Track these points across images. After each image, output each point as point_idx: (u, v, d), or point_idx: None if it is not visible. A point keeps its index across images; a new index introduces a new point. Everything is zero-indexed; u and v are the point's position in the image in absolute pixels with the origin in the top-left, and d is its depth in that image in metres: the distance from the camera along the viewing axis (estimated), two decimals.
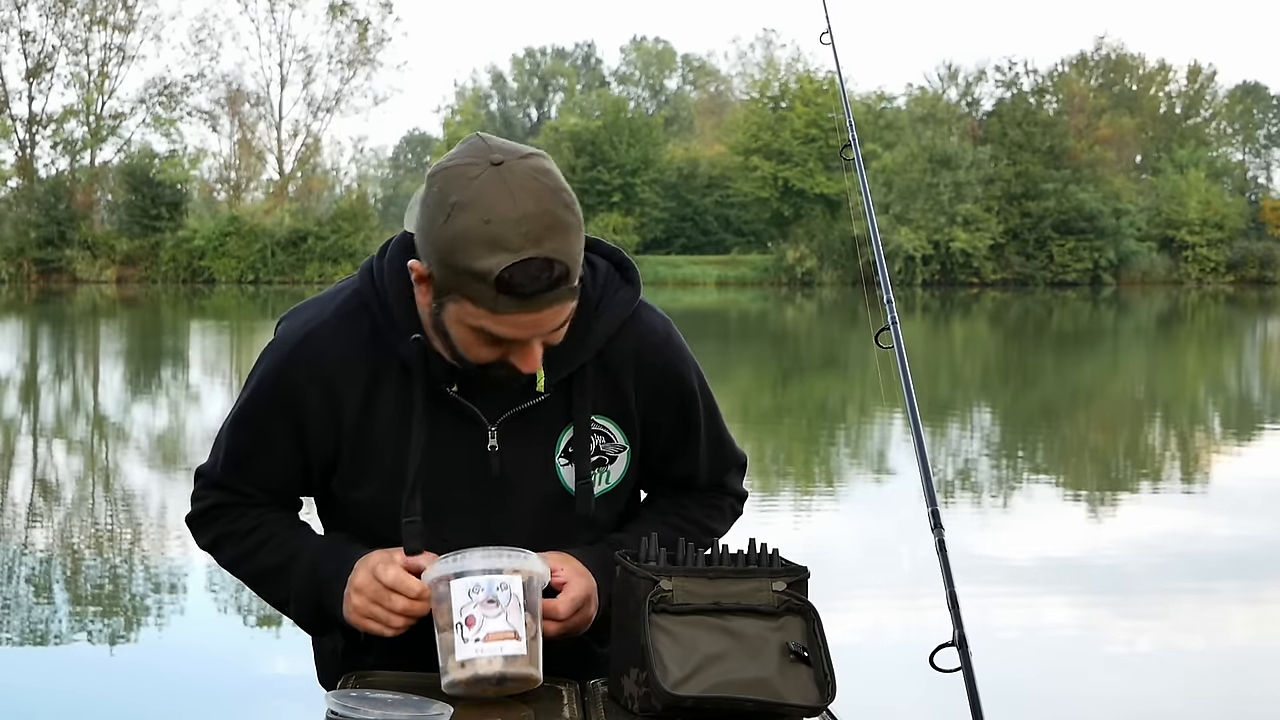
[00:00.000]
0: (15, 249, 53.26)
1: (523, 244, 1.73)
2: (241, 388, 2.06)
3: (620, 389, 2.01)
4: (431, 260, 1.80)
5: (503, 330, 1.80)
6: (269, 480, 2.05)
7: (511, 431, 1.95)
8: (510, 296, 1.75)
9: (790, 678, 1.76)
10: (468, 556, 1.78)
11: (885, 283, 2.38)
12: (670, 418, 2.06)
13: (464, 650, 1.73)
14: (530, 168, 1.77)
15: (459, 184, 1.76)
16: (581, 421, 1.97)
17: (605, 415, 2.00)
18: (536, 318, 1.79)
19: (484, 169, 1.76)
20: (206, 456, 2.12)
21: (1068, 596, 6.90)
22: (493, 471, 1.95)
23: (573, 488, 1.99)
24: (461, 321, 1.82)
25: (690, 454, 2.10)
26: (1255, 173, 76.78)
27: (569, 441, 1.98)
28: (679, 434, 2.08)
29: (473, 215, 1.74)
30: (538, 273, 1.74)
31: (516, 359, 1.85)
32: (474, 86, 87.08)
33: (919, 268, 55.62)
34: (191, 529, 2.14)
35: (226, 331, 29.67)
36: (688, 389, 2.07)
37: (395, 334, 1.92)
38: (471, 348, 1.85)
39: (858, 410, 15.05)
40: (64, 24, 58.31)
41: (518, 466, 1.96)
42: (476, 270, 1.74)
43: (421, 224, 1.82)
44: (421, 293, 1.87)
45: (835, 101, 2.55)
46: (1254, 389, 19.78)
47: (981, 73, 64.89)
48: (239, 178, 62.84)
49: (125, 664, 5.62)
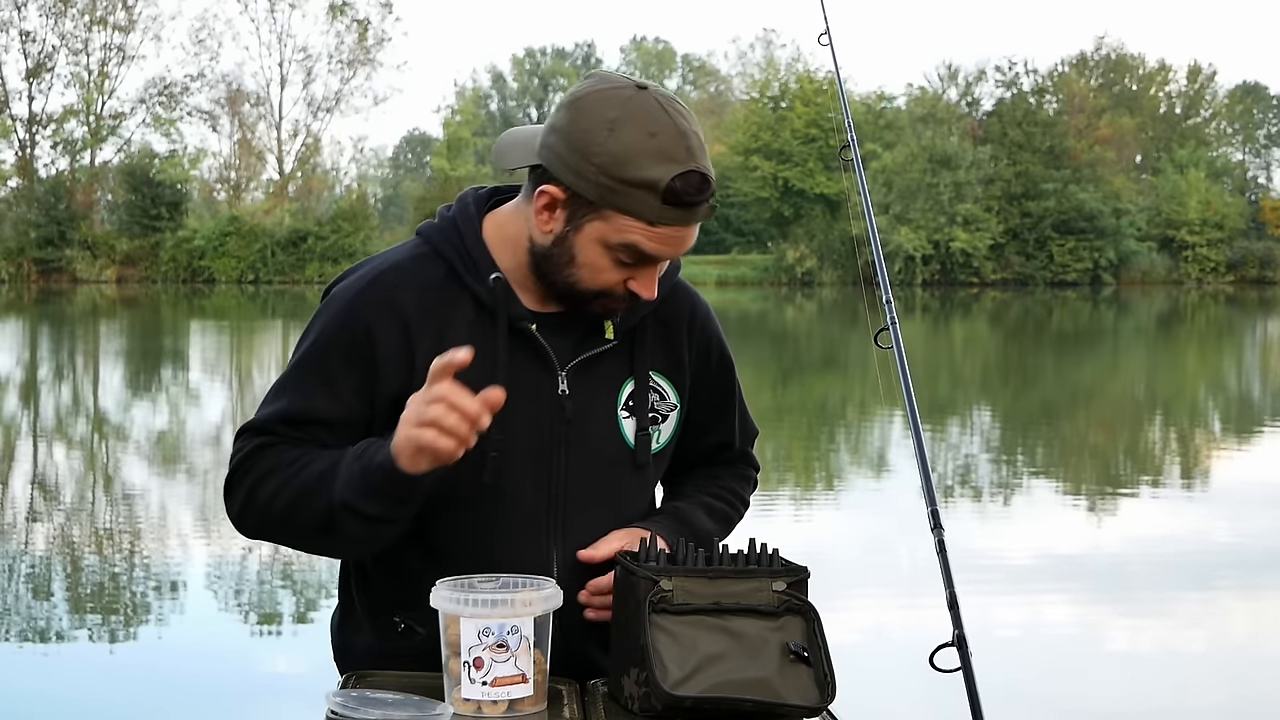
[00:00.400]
0: (15, 249, 53.26)
1: (686, 157, 1.81)
2: (299, 342, 1.99)
3: (676, 349, 2.06)
4: (586, 177, 1.82)
5: (652, 245, 1.84)
6: (323, 433, 1.93)
7: (579, 379, 1.97)
8: (673, 207, 1.81)
9: (790, 678, 1.76)
10: (480, 589, 1.75)
11: (885, 283, 2.38)
12: (713, 382, 2.12)
13: (470, 690, 1.72)
14: (668, 94, 1.86)
15: (614, 103, 1.82)
16: (643, 374, 2.01)
17: (661, 373, 2.04)
18: (684, 233, 1.86)
19: (632, 91, 1.84)
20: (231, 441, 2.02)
21: (1067, 596, 6.90)
22: (565, 414, 1.96)
23: (632, 440, 2.01)
24: (603, 240, 1.85)
25: (727, 423, 2.16)
26: (1255, 173, 76.84)
27: (630, 394, 2.01)
28: (718, 401, 2.14)
29: (637, 130, 1.80)
30: (699, 184, 1.81)
31: (639, 283, 1.89)
32: (474, 86, 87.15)
33: (919, 268, 55.62)
34: (228, 490, 1.96)
35: (226, 331, 29.67)
36: (728, 357, 2.15)
37: (474, 274, 1.95)
38: (600, 271, 1.88)
39: (857, 410, 15.05)
40: (64, 24, 58.36)
41: (583, 414, 1.97)
42: (647, 180, 1.80)
43: (569, 144, 1.84)
44: (545, 220, 1.89)
45: (835, 102, 2.55)
46: (1254, 389, 19.78)
47: (981, 73, 64.94)
48: (239, 178, 62.83)
49: (125, 664, 5.62)
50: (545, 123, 1.92)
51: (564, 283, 1.91)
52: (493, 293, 1.93)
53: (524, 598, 1.73)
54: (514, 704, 1.73)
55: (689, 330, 2.07)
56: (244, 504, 1.94)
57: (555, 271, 1.91)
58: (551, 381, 1.96)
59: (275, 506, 1.90)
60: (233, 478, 1.95)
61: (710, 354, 2.11)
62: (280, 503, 1.89)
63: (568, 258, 1.89)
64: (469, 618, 1.71)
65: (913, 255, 55.22)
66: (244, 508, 1.94)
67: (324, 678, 2.13)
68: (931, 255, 56.14)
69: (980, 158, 58.17)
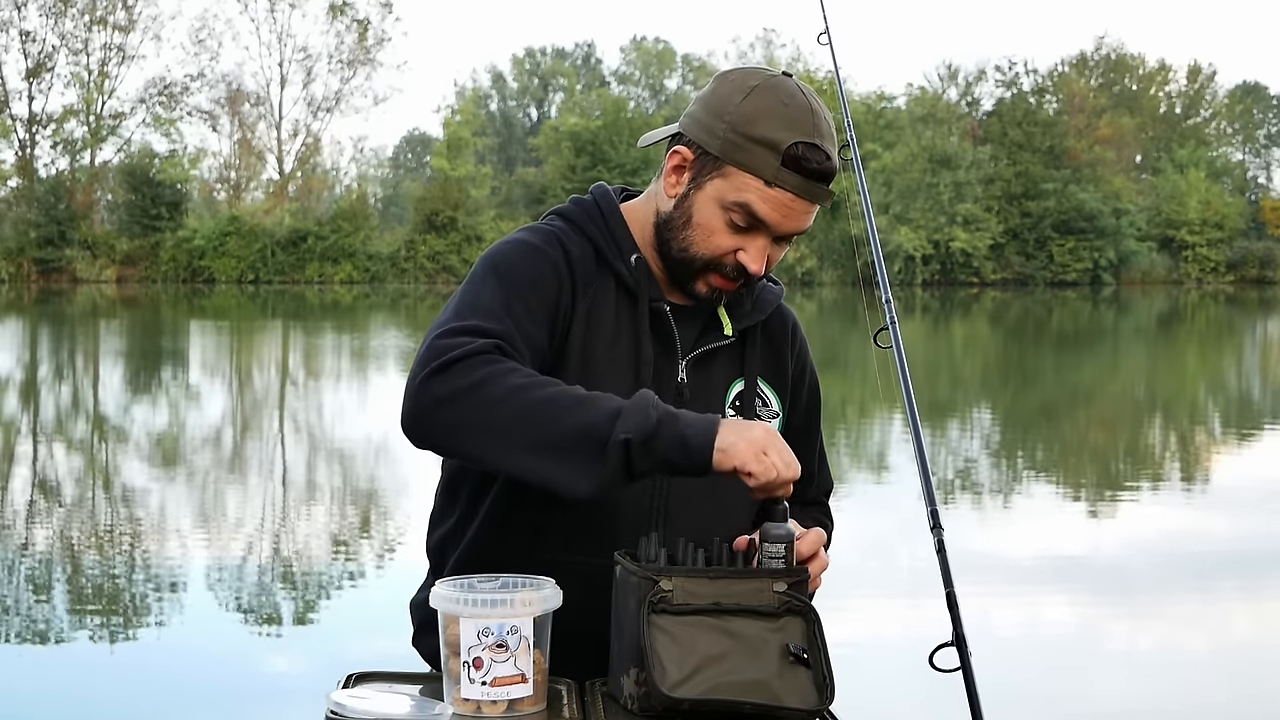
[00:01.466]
0: (15, 249, 53.26)
1: (812, 130, 1.90)
2: (479, 278, 1.94)
3: (780, 360, 2.12)
4: (715, 134, 1.92)
5: (765, 208, 1.90)
6: (529, 355, 1.88)
7: (696, 370, 2.02)
8: (791, 171, 1.88)
9: (789, 680, 1.76)
10: (479, 589, 1.75)
11: (884, 283, 2.38)
12: (804, 405, 2.17)
13: (470, 690, 1.72)
14: (813, 90, 1.96)
15: (758, 75, 1.94)
16: (751, 376, 2.07)
17: (766, 381, 2.10)
18: (798, 206, 1.92)
19: (778, 73, 1.96)
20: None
21: (1067, 596, 6.90)
22: (683, 400, 1.98)
23: None
24: (720, 199, 1.92)
25: (809, 452, 2.17)
26: (1255, 173, 76.84)
27: (738, 394, 2.06)
28: (805, 426, 2.17)
29: (773, 96, 1.91)
30: (819, 158, 1.89)
31: (748, 254, 1.94)
32: (474, 86, 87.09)
33: (919, 268, 55.64)
34: (438, 372, 1.80)
35: (226, 332, 29.67)
36: (818, 389, 2.21)
37: (616, 254, 2.00)
38: (713, 234, 1.94)
39: (857, 410, 15.05)
40: (64, 24, 58.36)
41: (697, 405, 1.98)
42: (769, 138, 1.88)
43: (706, 107, 1.94)
44: (674, 182, 1.97)
45: (835, 101, 2.55)
46: (1254, 389, 19.78)
47: (981, 73, 64.97)
48: (239, 178, 62.81)
49: (125, 664, 5.62)
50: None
51: (679, 247, 1.97)
52: (634, 272, 1.99)
53: (523, 598, 1.73)
54: (513, 704, 1.73)
55: (791, 346, 2.14)
56: (466, 389, 1.79)
57: (673, 236, 1.97)
58: (673, 368, 2.01)
59: (514, 404, 1.78)
60: (455, 362, 1.79)
61: (805, 376, 2.17)
62: (521, 402, 1.77)
63: (685, 218, 1.96)
64: (468, 618, 1.71)
65: (913, 255, 55.24)
66: (463, 393, 1.79)
67: (324, 678, 2.14)
68: (931, 255, 56.16)
69: (980, 158, 58.20)
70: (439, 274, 53.37)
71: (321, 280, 53.69)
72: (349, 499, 9.74)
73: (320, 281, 53.57)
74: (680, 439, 1.76)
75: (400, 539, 8.01)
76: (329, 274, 53.82)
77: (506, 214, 56.85)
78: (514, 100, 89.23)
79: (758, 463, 1.76)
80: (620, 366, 1.97)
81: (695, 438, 1.76)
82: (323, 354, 23.80)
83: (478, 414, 1.78)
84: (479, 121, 76.85)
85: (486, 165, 71.36)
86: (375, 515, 9.05)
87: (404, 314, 35.93)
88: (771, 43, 75.76)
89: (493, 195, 64.17)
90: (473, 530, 2.04)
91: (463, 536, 2.06)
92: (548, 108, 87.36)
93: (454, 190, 56.05)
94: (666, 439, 1.76)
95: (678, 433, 1.76)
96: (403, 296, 45.51)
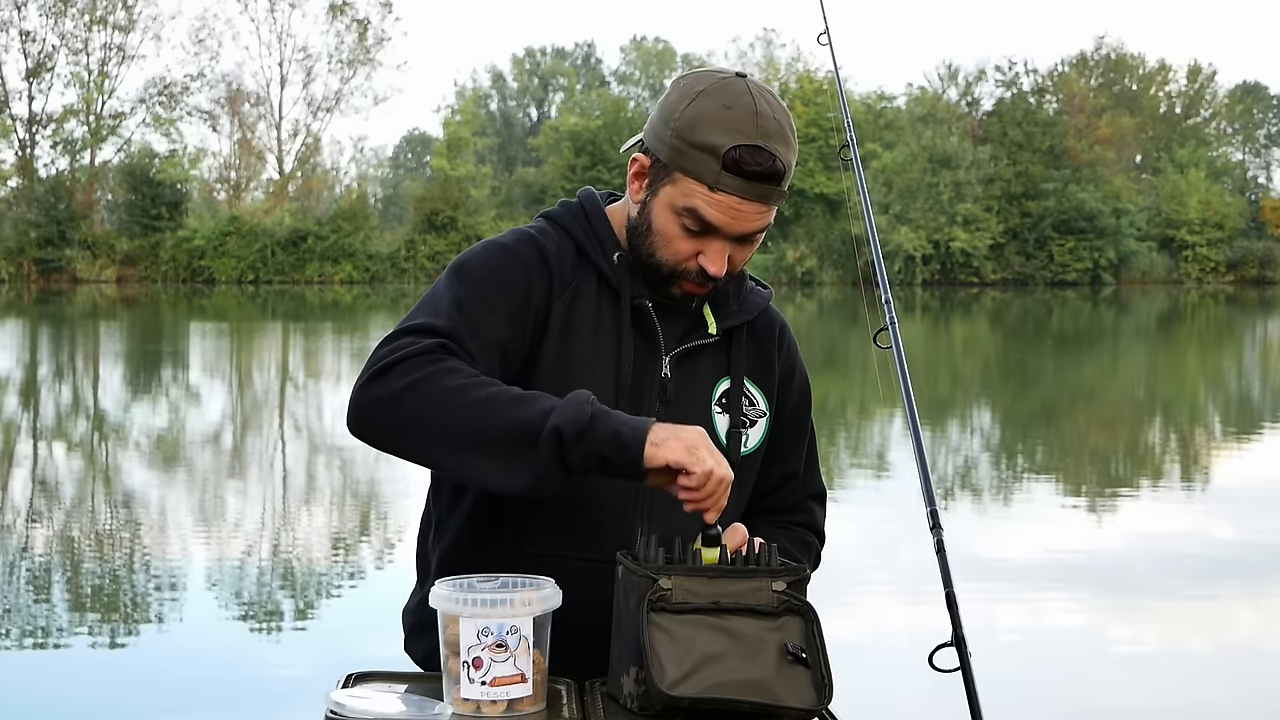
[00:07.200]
0: (15, 249, 53.23)
1: (754, 134, 1.90)
2: (451, 276, 2.00)
3: (767, 360, 2.13)
4: (663, 141, 1.94)
5: (712, 212, 1.91)
6: (471, 359, 1.89)
7: (680, 367, 2.04)
8: (732, 175, 1.89)
9: (788, 679, 1.76)
10: (479, 589, 1.76)
11: (884, 283, 2.38)
12: (792, 405, 2.16)
13: (469, 690, 1.73)
14: (771, 90, 1.96)
15: (707, 80, 1.96)
16: (738, 375, 2.08)
17: (753, 380, 2.10)
18: (744, 208, 1.92)
19: (731, 76, 1.96)
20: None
21: (1067, 596, 6.90)
22: (666, 396, 2.01)
23: (724, 436, 2.05)
24: (672, 205, 1.94)
25: (797, 453, 2.17)
26: (1255, 173, 76.79)
27: (724, 392, 2.07)
28: (794, 428, 2.17)
29: (715, 101, 1.92)
30: (762, 160, 1.89)
31: (707, 258, 1.95)
32: (474, 86, 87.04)
33: (919, 267, 55.62)
34: (382, 372, 1.85)
35: (226, 332, 29.66)
36: (809, 390, 2.21)
37: (599, 252, 2.03)
38: (671, 240, 1.96)
39: (857, 410, 15.06)
40: (64, 24, 58.32)
41: (681, 402, 2.02)
42: (709, 143, 1.89)
43: (659, 114, 1.97)
44: (636, 189, 2.00)
45: (835, 101, 2.55)
46: (1254, 389, 19.78)
47: (981, 72, 64.89)
48: (239, 178, 62.80)
49: (125, 664, 5.62)
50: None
51: (646, 253, 1.99)
52: (616, 270, 2.01)
53: (523, 598, 1.74)
54: (513, 704, 1.73)
55: (779, 347, 2.15)
56: (403, 389, 1.83)
57: (640, 242, 1.99)
58: (656, 364, 2.02)
59: (450, 403, 1.81)
60: (396, 364, 1.84)
61: (794, 377, 2.17)
62: (457, 401, 1.80)
63: (646, 225, 1.98)
64: (468, 617, 1.72)
65: (913, 255, 55.22)
66: (401, 393, 1.83)
67: (324, 678, 2.13)
68: (931, 255, 56.14)
69: (980, 157, 58.16)
70: (439, 274, 53.08)
71: (321, 280, 53.68)
72: (348, 499, 9.74)
73: (320, 281, 53.56)
74: (614, 433, 1.78)
75: (400, 539, 8.01)
76: (329, 274, 53.80)
77: (506, 214, 56.80)
78: (514, 100, 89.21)
79: (689, 456, 1.77)
80: (602, 362, 1.98)
81: (629, 433, 1.78)
82: (323, 354, 23.80)
83: (416, 413, 1.82)
84: (479, 121, 76.83)
85: (486, 165, 71.33)
86: (375, 515, 9.05)
87: (404, 314, 35.75)
88: (771, 43, 75.75)
89: (493, 195, 64.16)
90: (455, 529, 2.06)
91: (446, 536, 2.07)
92: (548, 108, 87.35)
93: (454, 190, 56.04)
94: (600, 431, 1.78)
95: (611, 427, 1.78)
96: (403, 296, 45.49)
